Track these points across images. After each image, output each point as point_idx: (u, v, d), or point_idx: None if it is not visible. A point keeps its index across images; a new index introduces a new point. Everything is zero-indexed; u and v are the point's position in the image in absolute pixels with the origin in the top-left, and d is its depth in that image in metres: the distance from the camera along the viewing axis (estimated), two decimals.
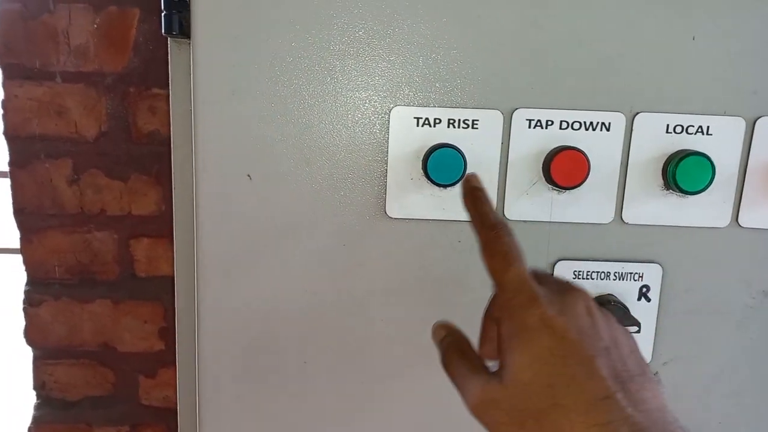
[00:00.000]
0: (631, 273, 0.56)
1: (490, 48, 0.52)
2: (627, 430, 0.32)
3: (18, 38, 0.84)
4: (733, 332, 0.58)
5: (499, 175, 0.54)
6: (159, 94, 0.86)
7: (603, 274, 0.56)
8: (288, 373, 0.58)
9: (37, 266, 0.92)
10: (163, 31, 0.55)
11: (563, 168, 0.52)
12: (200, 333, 0.57)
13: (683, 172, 0.52)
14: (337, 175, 0.54)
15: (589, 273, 0.56)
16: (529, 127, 0.53)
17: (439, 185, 0.52)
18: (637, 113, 0.53)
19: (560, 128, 0.53)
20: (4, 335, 2.64)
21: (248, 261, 0.56)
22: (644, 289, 0.56)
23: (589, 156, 0.52)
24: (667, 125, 0.53)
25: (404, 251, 0.55)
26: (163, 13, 0.55)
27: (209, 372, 0.58)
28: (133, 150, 0.87)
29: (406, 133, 0.53)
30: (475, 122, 0.53)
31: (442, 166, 0.52)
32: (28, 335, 0.95)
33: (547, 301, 0.37)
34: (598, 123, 0.53)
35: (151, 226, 0.90)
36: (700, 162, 0.52)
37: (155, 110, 0.86)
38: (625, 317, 0.54)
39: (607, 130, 0.53)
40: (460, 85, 0.53)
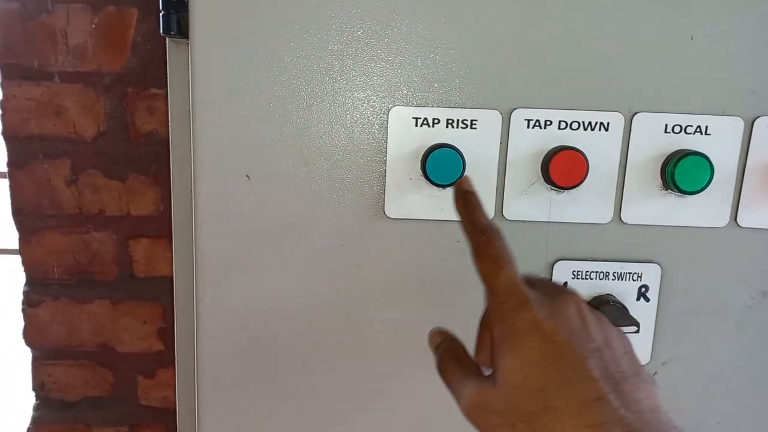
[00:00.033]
0: (629, 273, 0.56)
1: (489, 48, 0.52)
2: (620, 431, 0.32)
3: (16, 38, 0.84)
4: (731, 332, 0.58)
5: (498, 175, 0.54)
6: (157, 94, 0.86)
7: (602, 274, 0.56)
8: (287, 373, 0.58)
9: (36, 267, 0.91)
10: (162, 31, 0.55)
11: (562, 168, 0.52)
12: (199, 333, 0.57)
13: (682, 172, 0.52)
14: (335, 175, 0.54)
15: (588, 273, 0.56)
16: (528, 127, 0.53)
17: (437, 185, 0.52)
18: (636, 113, 0.53)
19: (559, 128, 0.53)
20: (3, 336, 2.63)
21: (247, 261, 0.56)
22: (643, 289, 0.56)
23: (587, 156, 0.52)
24: (666, 125, 0.53)
25: (403, 251, 0.55)
26: (161, 13, 0.55)
27: (208, 372, 0.58)
28: (132, 150, 0.87)
29: (405, 133, 0.53)
30: (473, 122, 0.53)
31: (441, 166, 0.52)
32: (27, 336, 0.94)
33: (537, 304, 0.37)
34: (596, 123, 0.53)
35: (149, 226, 0.90)
36: (699, 162, 0.52)
37: (153, 110, 0.86)
38: (623, 317, 0.54)
39: (606, 130, 0.53)
40: (458, 85, 0.53)
